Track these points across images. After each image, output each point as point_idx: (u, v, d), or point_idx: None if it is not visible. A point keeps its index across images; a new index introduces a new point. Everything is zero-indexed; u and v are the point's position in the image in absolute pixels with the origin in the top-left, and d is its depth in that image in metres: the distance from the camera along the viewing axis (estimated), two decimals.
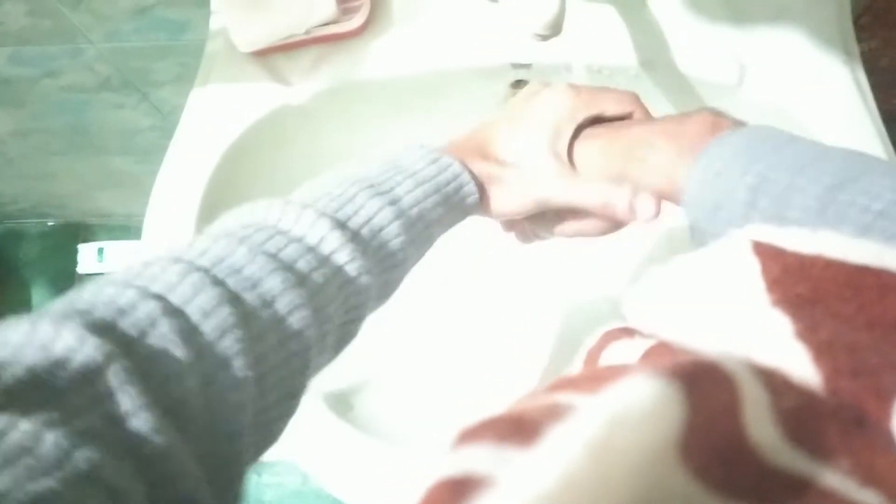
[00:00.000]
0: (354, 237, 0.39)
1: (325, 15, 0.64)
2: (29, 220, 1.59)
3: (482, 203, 0.47)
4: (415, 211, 0.42)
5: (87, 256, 1.53)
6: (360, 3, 0.66)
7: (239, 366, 0.31)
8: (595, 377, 0.28)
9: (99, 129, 1.11)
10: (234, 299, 0.32)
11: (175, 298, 0.30)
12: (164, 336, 0.29)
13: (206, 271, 0.32)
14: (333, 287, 0.37)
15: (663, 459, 0.19)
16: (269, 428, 0.35)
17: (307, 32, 0.65)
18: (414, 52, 0.67)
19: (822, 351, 0.23)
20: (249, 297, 0.33)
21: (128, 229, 1.56)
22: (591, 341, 0.40)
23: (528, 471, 0.18)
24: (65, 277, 1.56)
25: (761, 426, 0.21)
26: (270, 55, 0.68)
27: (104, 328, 0.28)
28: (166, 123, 1.08)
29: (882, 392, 0.21)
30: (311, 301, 0.35)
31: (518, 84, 0.70)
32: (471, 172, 0.45)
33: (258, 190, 0.71)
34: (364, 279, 0.39)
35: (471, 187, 0.45)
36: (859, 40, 0.67)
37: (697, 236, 0.42)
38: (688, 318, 0.30)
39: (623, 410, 0.19)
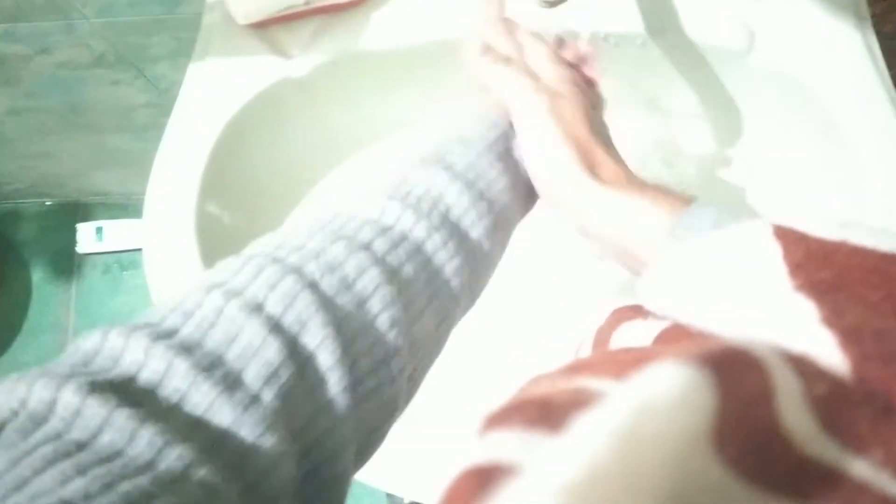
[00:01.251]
0: (424, 214, 0.38)
1: None
2: (27, 200, 1.58)
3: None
4: (472, 173, 0.41)
5: (85, 235, 1.53)
6: None
7: (328, 349, 0.30)
8: (616, 361, 0.28)
9: (95, 107, 1.10)
10: (313, 284, 0.32)
11: (271, 308, 0.30)
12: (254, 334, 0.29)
13: (281, 261, 0.32)
14: (414, 263, 0.36)
15: (696, 449, 0.18)
16: (378, 432, 0.35)
17: (307, 3, 0.64)
18: (415, 22, 0.66)
19: (848, 337, 0.22)
20: (329, 280, 0.32)
21: (126, 208, 1.55)
22: (599, 319, 0.40)
23: (554, 460, 0.17)
24: (64, 257, 1.55)
25: (795, 414, 0.20)
26: (269, 27, 0.66)
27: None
28: (163, 100, 1.06)
29: None
30: (393, 277, 0.35)
31: None
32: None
33: (259, 164, 0.70)
34: (441, 255, 0.38)
35: (511, 135, 0.44)
36: (868, 4, 0.65)
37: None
38: (706, 301, 0.30)
39: (652, 399, 0.18)
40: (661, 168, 0.74)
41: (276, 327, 0.29)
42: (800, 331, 0.23)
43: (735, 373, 0.19)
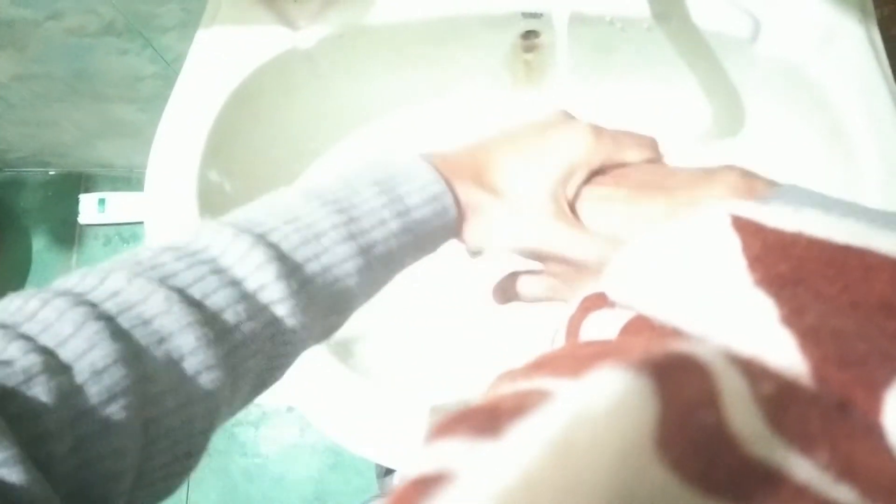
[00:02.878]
0: (303, 287, 0.35)
1: None
2: (30, 169, 1.58)
3: (457, 229, 0.42)
4: (385, 259, 0.38)
5: (88, 207, 1.53)
6: None
7: (122, 433, 0.28)
8: (576, 357, 0.28)
9: (101, 76, 1.10)
10: (133, 357, 0.29)
11: (64, 354, 0.28)
12: (37, 395, 0.26)
13: (109, 320, 0.29)
14: (262, 339, 0.34)
15: (640, 454, 0.18)
16: (159, 485, 0.32)
17: None
18: None
19: (808, 338, 0.22)
20: (154, 354, 0.30)
21: (129, 180, 1.55)
22: (571, 308, 0.40)
23: (487, 467, 0.17)
24: (66, 227, 1.56)
25: (741, 415, 0.20)
26: None
27: None
28: (169, 71, 1.06)
29: (871, 383, 0.21)
30: (229, 359, 0.32)
31: (528, 35, 0.69)
32: (455, 196, 0.40)
33: (263, 134, 0.71)
34: (303, 332, 0.35)
35: (452, 223, 0.40)
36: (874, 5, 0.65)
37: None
38: (666, 294, 0.30)
39: (589, 406, 0.18)
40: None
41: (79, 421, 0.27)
42: (760, 330, 0.24)
43: (676, 378, 0.20)
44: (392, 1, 0.66)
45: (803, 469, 0.20)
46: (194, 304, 0.31)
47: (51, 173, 1.59)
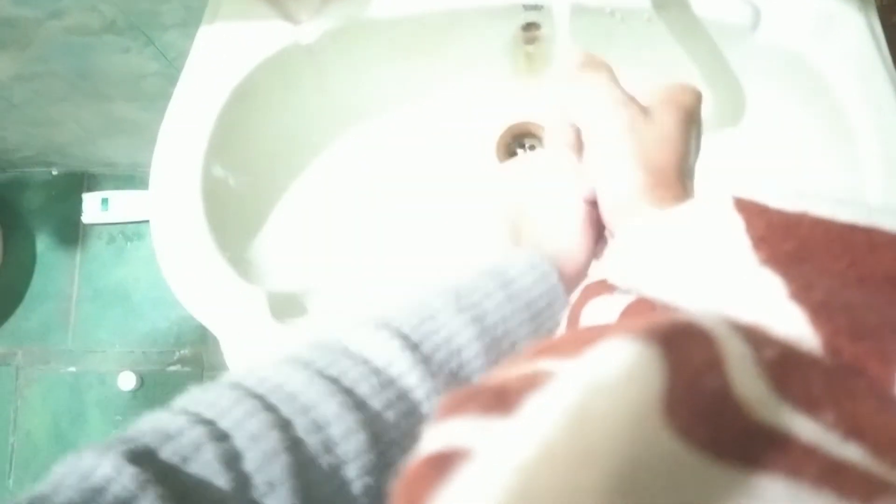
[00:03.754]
0: (427, 359, 0.37)
1: None
2: (33, 169, 1.59)
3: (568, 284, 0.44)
4: (499, 326, 0.40)
5: (91, 206, 1.53)
6: None
7: (285, 494, 0.31)
8: (577, 340, 0.28)
9: (103, 74, 1.10)
10: (284, 424, 0.32)
11: (224, 423, 0.31)
12: (206, 463, 0.29)
13: (261, 398, 0.33)
14: (397, 411, 0.36)
15: (647, 422, 0.18)
16: None
17: None
18: None
19: (818, 312, 0.23)
20: (301, 422, 0.33)
21: (132, 179, 1.55)
22: (573, 296, 0.40)
23: (506, 440, 0.17)
24: (69, 227, 1.56)
25: (746, 379, 0.20)
26: None
27: (145, 456, 0.29)
28: (172, 69, 1.07)
29: (885, 355, 0.21)
30: (370, 425, 0.34)
31: (529, 27, 0.70)
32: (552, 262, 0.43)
33: (266, 128, 0.71)
34: (427, 404, 0.37)
35: (557, 281, 0.42)
36: None
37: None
38: (669, 275, 0.30)
39: (599, 376, 0.18)
40: None
41: (245, 484, 0.30)
42: (769, 308, 0.24)
43: (682, 345, 0.20)
44: None
45: (810, 430, 0.20)
46: (331, 380, 0.35)
47: (54, 173, 1.60)
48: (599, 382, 0.18)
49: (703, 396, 0.20)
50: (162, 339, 1.49)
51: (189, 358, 1.48)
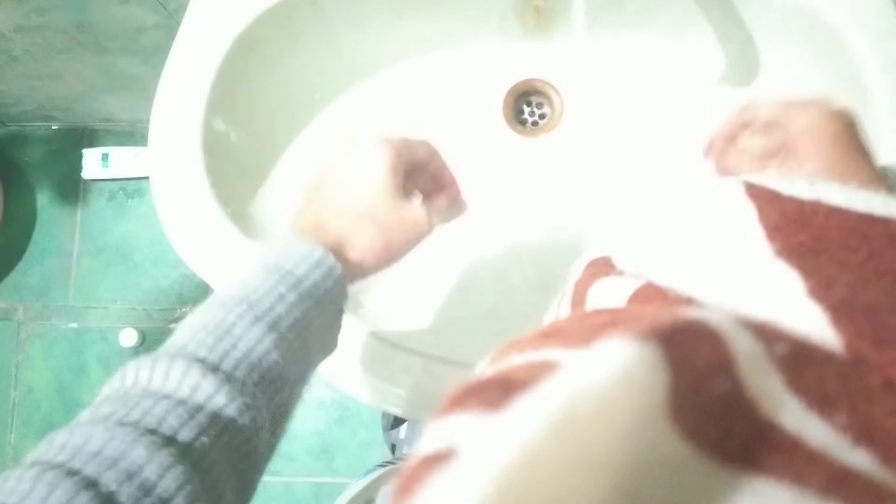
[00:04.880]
0: (230, 377, 0.38)
1: None
2: (33, 123, 1.57)
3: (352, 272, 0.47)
4: (295, 327, 0.42)
5: (91, 161, 1.52)
6: None
7: None
8: (587, 326, 0.27)
9: (103, 26, 1.09)
10: (91, 483, 0.31)
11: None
12: None
13: (61, 466, 0.32)
14: (212, 433, 0.36)
15: (652, 424, 0.18)
16: None
17: None
18: None
19: (839, 313, 0.22)
20: (110, 475, 0.32)
21: (132, 135, 1.54)
22: (576, 273, 0.39)
23: (489, 443, 0.17)
24: (70, 183, 1.55)
25: (758, 379, 0.20)
26: None
27: None
28: (171, 22, 1.05)
29: None
30: (186, 455, 0.34)
31: None
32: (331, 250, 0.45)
33: (268, 82, 0.70)
34: (247, 417, 0.38)
35: (341, 275, 0.45)
36: None
37: None
38: (679, 262, 0.29)
39: (592, 378, 0.18)
40: (674, 103, 0.73)
41: None
42: (787, 305, 0.23)
43: (686, 345, 0.19)
44: None
45: (820, 433, 0.19)
46: (133, 424, 0.34)
47: (54, 128, 1.58)
48: (590, 385, 0.18)
49: (712, 397, 0.19)
50: (163, 296, 1.48)
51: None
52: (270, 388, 0.41)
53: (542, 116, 0.78)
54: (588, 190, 0.76)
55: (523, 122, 0.78)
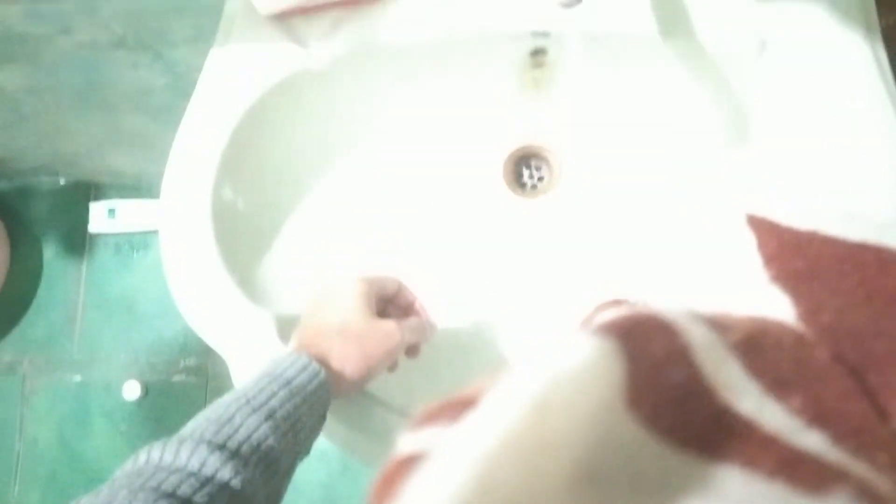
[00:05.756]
0: (234, 455, 0.43)
1: None
2: (41, 178, 1.60)
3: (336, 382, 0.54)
4: (288, 418, 0.48)
5: (98, 215, 1.54)
6: None
7: None
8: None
9: (113, 88, 1.11)
10: None
11: None
12: None
13: None
14: (221, 501, 0.41)
15: (611, 412, 0.19)
16: None
17: None
18: (433, 16, 0.67)
19: (826, 337, 0.23)
20: None
21: (139, 188, 1.56)
22: (585, 314, 0.41)
23: (469, 431, 0.18)
24: (75, 235, 1.57)
25: (716, 364, 0.21)
26: (290, 17, 0.68)
27: None
28: (180, 83, 1.07)
29: (893, 389, 0.22)
30: None
31: (536, 53, 0.70)
32: (321, 361, 0.53)
33: (275, 151, 0.72)
34: (249, 489, 0.42)
35: (325, 378, 0.52)
36: (880, 16, 0.66)
37: None
38: (681, 291, 0.30)
39: (559, 369, 0.19)
40: (669, 164, 0.75)
41: None
42: None
43: (640, 337, 0.20)
44: (401, 20, 0.67)
45: (775, 416, 0.20)
46: (153, 489, 0.39)
47: (61, 182, 1.61)
48: (558, 375, 0.19)
49: (668, 385, 0.20)
50: (167, 348, 1.49)
51: (194, 368, 1.49)
52: (268, 471, 0.45)
53: (540, 179, 0.80)
54: (588, 250, 0.77)
55: (523, 185, 0.80)
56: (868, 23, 0.65)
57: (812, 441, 0.20)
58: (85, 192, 1.59)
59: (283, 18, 0.68)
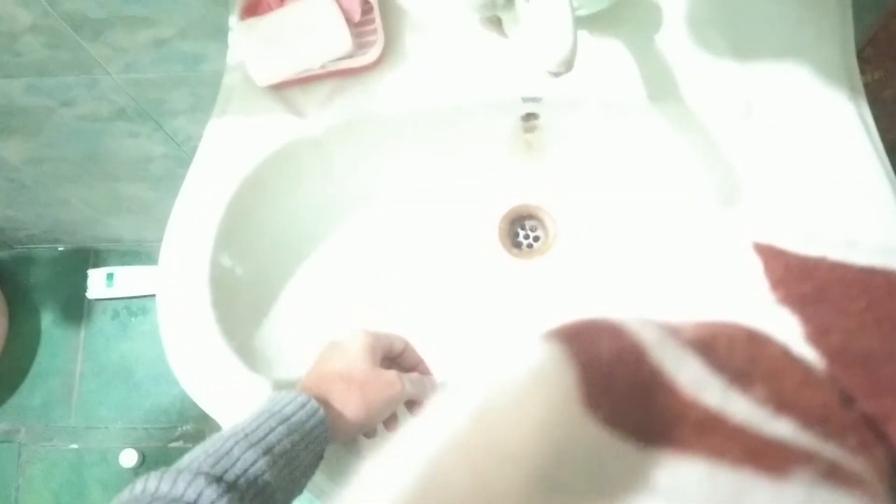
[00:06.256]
0: (231, 487, 0.43)
1: (340, 50, 0.66)
2: (40, 246, 1.61)
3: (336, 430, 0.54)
4: (286, 455, 0.48)
5: (96, 281, 1.55)
6: (375, 38, 0.67)
7: None
8: None
9: (113, 157, 1.13)
10: None
11: None
12: None
13: None
14: None
15: (567, 415, 0.19)
16: None
17: (323, 67, 0.67)
18: (426, 86, 0.69)
19: (836, 360, 0.23)
20: None
21: (137, 254, 1.57)
22: None
23: (412, 438, 0.18)
24: (74, 302, 1.57)
25: (676, 362, 0.21)
26: (287, 88, 0.69)
27: None
28: (179, 152, 1.09)
29: None
30: None
31: (528, 117, 0.72)
32: (320, 402, 0.53)
33: (272, 219, 0.73)
34: None
35: (322, 417, 0.52)
36: (862, 72, 0.68)
37: None
38: (687, 312, 0.30)
39: (504, 375, 0.19)
40: (663, 224, 0.76)
41: None
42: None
43: (588, 340, 0.21)
44: (395, 89, 0.69)
45: (743, 407, 0.20)
46: None
47: (60, 249, 1.61)
48: (504, 380, 0.19)
49: (626, 384, 0.20)
50: (164, 415, 1.48)
51: (191, 434, 1.48)
52: (272, 500, 0.45)
53: (536, 239, 0.81)
54: (585, 309, 0.77)
55: (518, 245, 0.81)
56: (851, 83, 0.66)
57: (781, 428, 0.20)
58: (84, 258, 1.59)
59: (280, 89, 0.69)
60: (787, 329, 0.25)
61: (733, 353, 0.22)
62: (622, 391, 0.20)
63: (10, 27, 0.79)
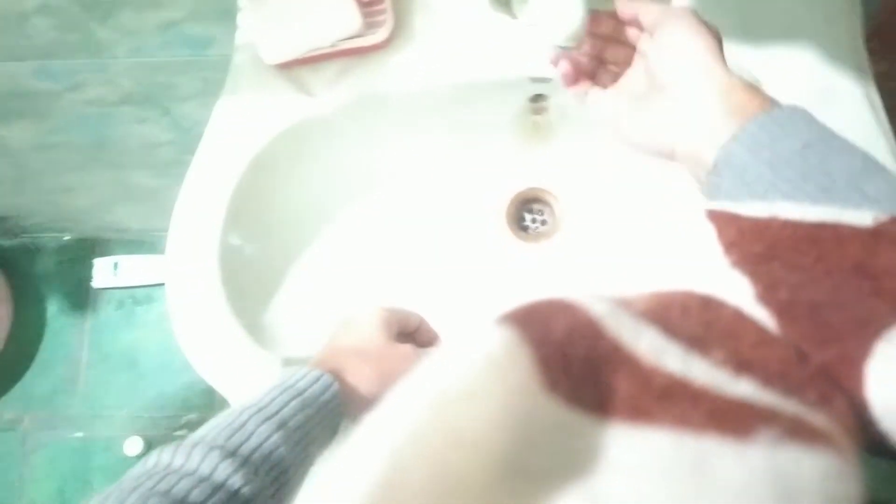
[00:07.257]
0: (246, 462, 0.43)
1: (350, 29, 0.66)
2: (45, 234, 1.61)
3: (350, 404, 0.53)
4: (300, 429, 0.48)
5: (101, 270, 1.55)
6: (384, 18, 0.68)
7: None
8: None
9: (120, 143, 1.13)
10: None
11: None
12: None
13: None
14: None
15: (527, 398, 0.19)
16: None
17: (332, 46, 0.67)
18: (435, 65, 0.69)
19: (784, 315, 0.23)
20: None
21: (143, 243, 1.57)
22: None
23: (373, 430, 0.18)
24: (79, 291, 1.58)
25: (632, 334, 0.21)
26: (296, 67, 0.69)
27: None
28: (187, 138, 1.09)
29: (851, 360, 0.22)
30: None
31: (537, 98, 0.72)
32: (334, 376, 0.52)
33: (281, 198, 0.73)
34: (261, 499, 0.42)
35: (337, 391, 0.52)
36: (870, 62, 0.68)
37: (709, 191, 0.41)
38: (643, 283, 0.31)
39: (456, 367, 0.19)
40: (671, 207, 0.76)
41: None
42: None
43: (537, 320, 0.21)
44: (404, 69, 0.69)
45: (703, 371, 0.20)
46: (163, 494, 0.39)
47: (65, 238, 1.62)
48: (458, 368, 0.19)
49: (583, 360, 0.20)
50: (169, 403, 1.48)
51: (196, 422, 1.48)
52: (277, 481, 0.45)
53: (543, 223, 0.81)
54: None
55: (525, 229, 0.81)
56: (859, 66, 0.66)
57: (742, 389, 0.20)
58: (89, 247, 1.60)
59: (288, 69, 0.70)
60: (739, 291, 0.25)
61: (688, 320, 0.22)
62: (580, 368, 0.20)
63: (21, 7, 0.79)
